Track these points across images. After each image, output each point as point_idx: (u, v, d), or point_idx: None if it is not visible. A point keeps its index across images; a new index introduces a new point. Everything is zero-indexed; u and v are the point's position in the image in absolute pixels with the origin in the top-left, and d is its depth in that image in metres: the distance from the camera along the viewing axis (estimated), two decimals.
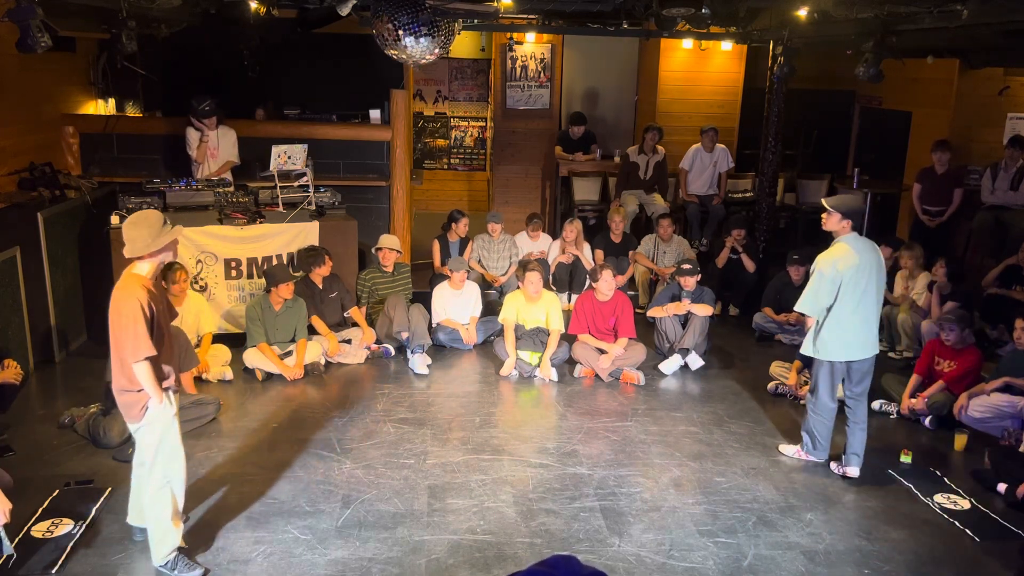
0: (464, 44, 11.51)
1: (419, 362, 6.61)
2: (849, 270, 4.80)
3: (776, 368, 6.54)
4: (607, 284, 6.58)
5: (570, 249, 8.25)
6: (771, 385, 6.42)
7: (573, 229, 8.28)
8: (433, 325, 7.16)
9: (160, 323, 3.86)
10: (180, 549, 4.00)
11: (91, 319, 7.09)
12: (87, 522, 4.34)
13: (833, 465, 5.16)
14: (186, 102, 7.72)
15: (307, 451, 5.23)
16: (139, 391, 3.82)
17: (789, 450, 5.36)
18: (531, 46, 10.23)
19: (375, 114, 8.71)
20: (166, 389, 3.91)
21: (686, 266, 7.01)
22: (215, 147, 7.77)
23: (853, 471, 5.07)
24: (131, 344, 3.71)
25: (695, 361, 6.74)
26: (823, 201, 5.06)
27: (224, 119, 7.85)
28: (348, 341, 6.83)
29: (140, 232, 3.82)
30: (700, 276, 7.10)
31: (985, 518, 4.70)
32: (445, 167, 12.30)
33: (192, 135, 7.75)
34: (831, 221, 4.95)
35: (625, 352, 6.53)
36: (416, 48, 5.05)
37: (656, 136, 9.28)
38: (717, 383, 6.59)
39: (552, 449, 5.36)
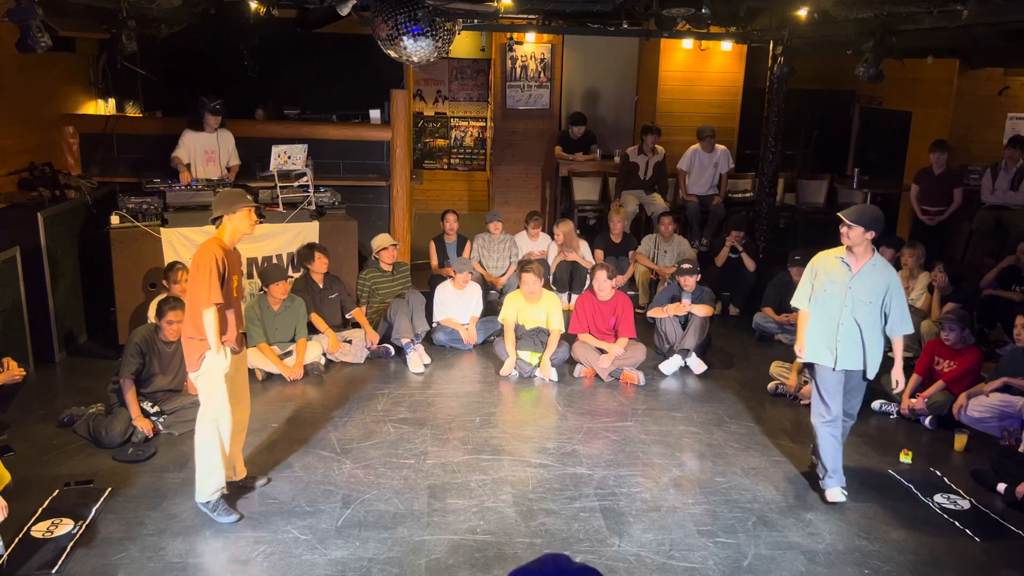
0: (464, 44, 11.52)
1: (416, 360, 6.62)
2: None
3: (776, 368, 6.54)
4: (599, 285, 6.58)
5: (567, 255, 8.24)
6: (771, 385, 6.42)
7: (561, 232, 8.27)
8: (433, 325, 7.17)
9: (229, 284, 4.29)
10: (224, 495, 4.41)
11: (91, 319, 7.09)
12: (87, 522, 4.33)
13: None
14: (186, 102, 7.70)
15: (307, 451, 5.23)
16: (202, 340, 4.23)
17: (836, 496, 4.85)
18: (531, 46, 10.23)
19: (375, 114, 8.71)
20: (225, 344, 4.30)
21: (686, 266, 7.01)
22: (213, 150, 7.71)
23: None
24: (204, 291, 4.14)
25: (698, 365, 6.73)
26: (840, 214, 4.63)
27: (225, 122, 7.83)
28: (349, 341, 6.84)
29: (225, 197, 4.38)
30: (700, 276, 7.10)
31: (985, 518, 4.70)
32: (445, 167, 12.31)
33: (189, 137, 7.59)
34: (855, 234, 4.56)
35: (625, 352, 6.53)
36: (416, 48, 5.04)
37: (655, 137, 9.28)
38: (717, 383, 6.59)
39: (552, 449, 5.36)
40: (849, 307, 4.68)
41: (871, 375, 4.76)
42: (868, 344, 4.69)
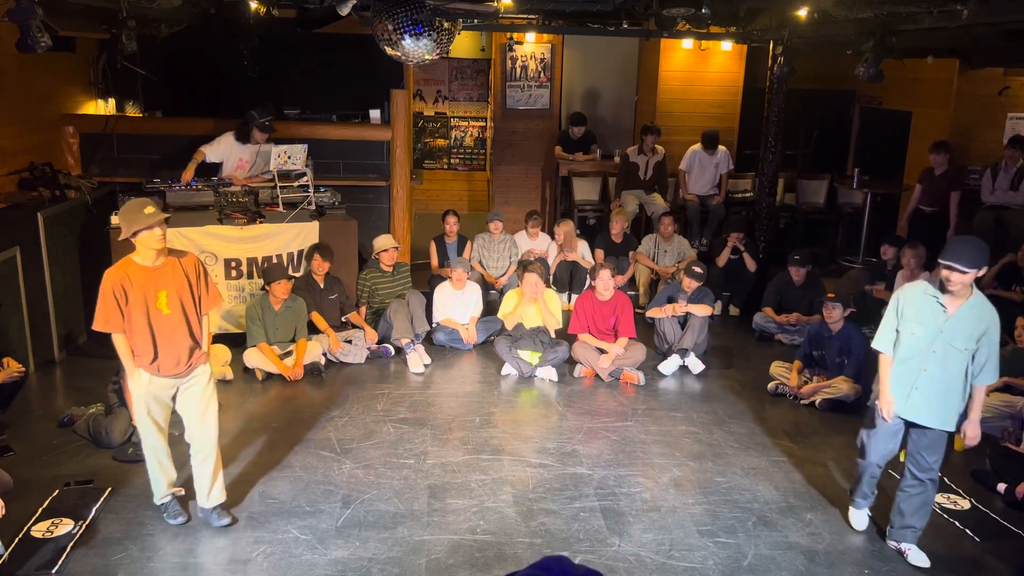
0: (464, 44, 11.51)
1: (416, 360, 6.62)
2: None
3: (776, 368, 6.54)
4: (603, 284, 6.59)
5: (567, 255, 8.24)
6: (771, 385, 6.42)
7: (561, 232, 8.27)
8: (433, 325, 7.17)
9: (142, 305, 4.16)
10: (175, 496, 4.44)
11: (91, 319, 7.06)
12: (87, 522, 4.33)
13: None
14: (186, 102, 7.68)
15: (307, 451, 5.23)
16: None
17: (859, 521, 4.61)
18: (531, 46, 10.23)
19: (375, 114, 8.70)
20: (140, 367, 4.22)
21: (697, 268, 6.99)
22: (249, 160, 7.57)
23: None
24: (97, 315, 4.18)
25: (695, 365, 6.73)
26: (948, 260, 3.89)
27: (271, 137, 7.62)
28: (349, 341, 6.84)
29: (123, 219, 4.20)
30: (705, 282, 7.07)
31: (985, 518, 4.70)
32: (445, 167, 12.30)
33: (227, 140, 7.43)
34: (968, 279, 3.91)
35: (625, 352, 6.53)
36: (416, 48, 5.04)
37: (655, 137, 9.28)
38: (717, 383, 6.59)
39: (552, 449, 5.36)
40: (939, 353, 4.03)
41: (951, 427, 4.13)
42: (951, 394, 4.08)
